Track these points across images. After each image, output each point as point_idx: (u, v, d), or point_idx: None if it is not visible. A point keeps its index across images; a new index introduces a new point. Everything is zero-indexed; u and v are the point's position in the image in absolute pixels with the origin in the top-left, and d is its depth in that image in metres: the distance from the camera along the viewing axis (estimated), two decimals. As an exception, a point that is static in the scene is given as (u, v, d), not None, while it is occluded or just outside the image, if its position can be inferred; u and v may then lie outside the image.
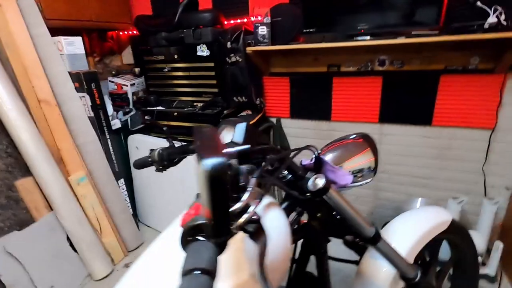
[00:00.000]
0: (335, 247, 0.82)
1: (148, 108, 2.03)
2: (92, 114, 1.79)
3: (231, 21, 1.90)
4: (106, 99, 1.96)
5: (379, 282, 0.82)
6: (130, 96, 2.12)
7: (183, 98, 2.00)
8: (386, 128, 1.78)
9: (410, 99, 1.66)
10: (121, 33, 2.31)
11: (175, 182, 1.88)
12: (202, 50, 1.77)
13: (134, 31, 2.17)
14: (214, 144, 0.32)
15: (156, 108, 2.00)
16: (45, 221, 1.64)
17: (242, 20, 1.88)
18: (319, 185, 0.60)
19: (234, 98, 1.84)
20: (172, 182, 1.91)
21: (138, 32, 2.01)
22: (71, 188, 1.68)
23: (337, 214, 0.68)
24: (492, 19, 1.28)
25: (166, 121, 1.95)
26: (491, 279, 1.52)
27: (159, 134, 2.04)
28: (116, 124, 1.99)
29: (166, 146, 0.76)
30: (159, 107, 2.01)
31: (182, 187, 1.87)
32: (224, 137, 0.69)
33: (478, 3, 1.34)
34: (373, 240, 0.70)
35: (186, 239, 0.32)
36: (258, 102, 1.89)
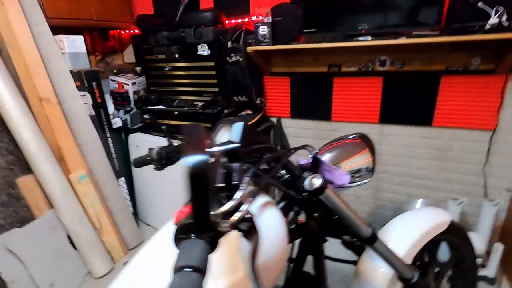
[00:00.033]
0: (334, 247, 0.82)
1: (149, 107, 2.03)
2: (93, 113, 1.80)
3: (232, 21, 1.90)
4: (107, 98, 1.97)
5: (377, 283, 0.82)
6: (131, 95, 2.13)
7: (184, 97, 2.00)
8: (387, 129, 1.77)
9: (411, 100, 1.65)
10: (123, 32, 2.32)
11: (175, 181, 1.89)
12: (203, 50, 1.77)
13: (136, 30, 2.17)
14: (198, 142, 0.33)
15: (157, 107, 2.01)
16: (46, 219, 1.65)
17: (243, 20, 1.88)
18: (316, 185, 0.60)
19: (235, 98, 1.85)
20: (172, 181, 1.91)
21: (140, 31, 2.02)
22: (72, 186, 1.69)
23: (334, 214, 0.68)
24: (494, 20, 1.28)
25: (167, 120, 1.96)
26: (491, 281, 1.51)
27: (160, 133, 2.04)
28: (117, 123, 2.00)
29: (165, 145, 0.76)
30: (160, 106, 2.02)
31: (182, 186, 1.87)
32: (222, 136, 0.69)
33: (480, 4, 1.34)
34: (370, 241, 0.71)
35: (179, 237, 0.32)
36: (259, 102, 1.89)
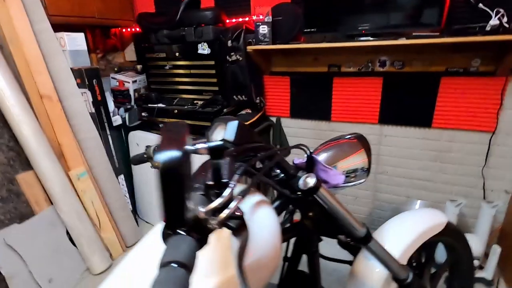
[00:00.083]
0: (331, 247, 0.82)
1: (149, 105, 2.04)
2: (93, 110, 1.81)
3: (233, 20, 1.90)
4: (108, 96, 1.98)
5: (372, 283, 0.82)
6: (132, 93, 2.14)
7: (184, 96, 2.00)
8: (386, 129, 1.77)
9: (411, 101, 1.65)
10: (124, 30, 2.32)
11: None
12: (203, 48, 1.78)
13: (137, 28, 2.18)
14: (174, 139, 0.33)
15: (157, 106, 2.02)
16: (45, 215, 1.66)
17: (244, 19, 1.88)
18: (310, 184, 0.61)
19: (234, 97, 1.85)
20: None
21: (141, 30, 2.02)
22: (71, 183, 1.70)
23: (329, 214, 0.68)
24: (494, 21, 1.28)
25: (167, 119, 1.96)
26: (488, 283, 1.51)
27: (159, 131, 2.04)
28: (117, 121, 2.00)
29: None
30: (160, 104, 2.02)
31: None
32: (217, 134, 0.69)
33: (480, 5, 1.33)
34: (364, 240, 0.71)
35: (167, 233, 0.33)
36: (258, 101, 1.89)
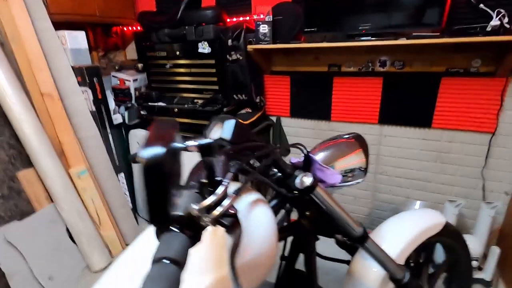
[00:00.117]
0: (329, 246, 0.82)
1: (150, 104, 2.04)
2: (94, 109, 1.81)
3: (234, 19, 1.90)
4: (108, 94, 1.98)
5: (369, 283, 0.82)
6: (133, 92, 2.14)
7: (184, 95, 2.01)
8: (386, 130, 1.77)
9: (411, 101, 1.65)
10: (125, 29, 2.33)
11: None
12: (204, 47, 1.78)
13: (138, 27, 2.19)
14: (163, 136, 0.33)
15: (157, 104, 2.02)
16: (46, 213, 1.67)
17: (244, 18, 1.88)
18: (306, 183, 0.61)
19: (234, 96, 1.85)
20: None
21: (142, 28, 2.03)
22: (72, 181, 1.70)
23: (326, 213, 0.68)
24: (495, 22, 1.27)
25: (167, 117, 1.97)
26: (487, 284, 1.51)
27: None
28: (118, 119, 2.01)
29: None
30: (160, 103, 2.03)
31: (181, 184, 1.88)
32: (215, 133, 0.69)
33: (481, 6, 1.33)
34: (361, 240, 0.71)
35: (160, 230, 0.33)
36: (258, 101, 1.89)
